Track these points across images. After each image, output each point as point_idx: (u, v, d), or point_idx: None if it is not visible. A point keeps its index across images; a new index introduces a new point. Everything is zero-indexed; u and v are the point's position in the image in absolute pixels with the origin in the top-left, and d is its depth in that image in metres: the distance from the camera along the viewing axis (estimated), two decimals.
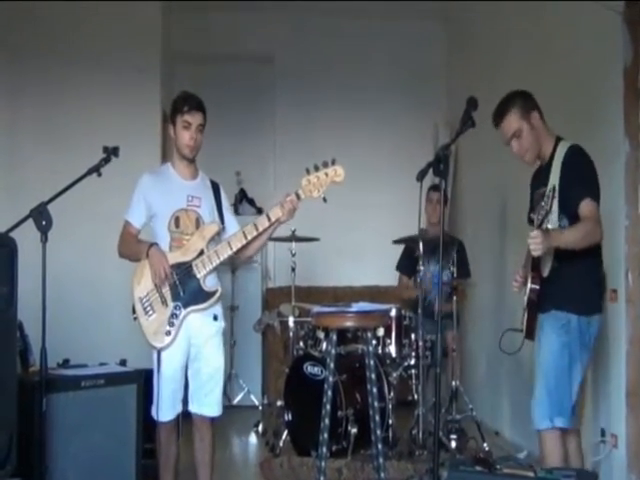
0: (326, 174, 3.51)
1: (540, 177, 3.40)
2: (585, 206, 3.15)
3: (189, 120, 3.55)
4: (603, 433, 3.87)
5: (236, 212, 6.63)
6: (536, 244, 3.00)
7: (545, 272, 3.22)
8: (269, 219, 3.52)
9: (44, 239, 3.21)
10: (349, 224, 6.93)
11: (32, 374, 3.52)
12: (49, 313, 3.24)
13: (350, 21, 7.01)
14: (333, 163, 3.52)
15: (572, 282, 3.25)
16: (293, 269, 5.39)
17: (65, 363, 3.77)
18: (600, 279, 3.39)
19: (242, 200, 6.83)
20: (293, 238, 5.34)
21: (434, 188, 5.45)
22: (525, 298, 3.26)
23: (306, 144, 6.72)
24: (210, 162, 6.48)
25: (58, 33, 5.78)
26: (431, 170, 3.11)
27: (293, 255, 5.38)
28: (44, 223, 3.21)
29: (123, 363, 3.85)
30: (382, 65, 7.11)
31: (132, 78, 5.78)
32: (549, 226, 3.12)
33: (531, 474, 2.83)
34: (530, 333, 3.30)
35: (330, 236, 6.19)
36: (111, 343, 3.89)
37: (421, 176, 3.15)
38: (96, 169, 3.43)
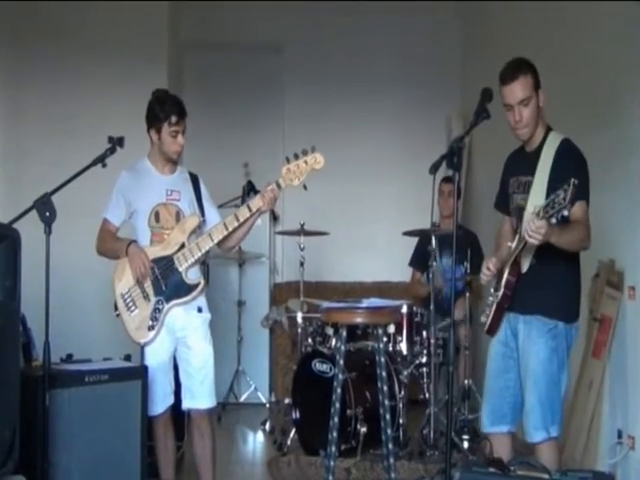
0: (306, 162, 3.51)
1: (522, 164, 3.25)
2: (579, 208, 3.02)
3: (178, 130, 3.54)
4: (620, 435, 3.78)
5: (243, 204, 6.57)
6: (539, 234, 2.82)
7: (525, 267, 3.13)
8: (250, 209, 3.54)
9: (48, 231, 3.16)
10: (359, 218, 6.86)
11: (35, 369, 3.46)
12: (52, 307, 3.19)
13: (362, 13, 6.92)
14: (313, 151, 3.53)
15: (557, 286, 3.16)
16: (302, 264, 5.33)
17: (68, 358, 3.72)
18: (579, 284, 3.28)
19: (250, 192, 6.75)
20: (302, 232, 5.28)
21: (446, 180, 5.34)
22: (499, 292, 3.16)
23: (315, 136, 6.56)
24: (218, 153, 6.52)
25: (64, 24, 5.74)
26: (444, 163, 3.03)
27: (302, 249, 5.32)
28: (48, 214, 3.16)
29: (127, 358, 3.81)
30: (394, 57, 7.03)
31: (139, 68, 5.73)
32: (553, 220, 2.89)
33: (546, 476, 2.78)
34: (493, 329, 3.24)
35: (340, 230, 6.13)
36: (115, 338, 3.85)
37: (434, 169, 3.06)
38: (101, 159, 3.40)
